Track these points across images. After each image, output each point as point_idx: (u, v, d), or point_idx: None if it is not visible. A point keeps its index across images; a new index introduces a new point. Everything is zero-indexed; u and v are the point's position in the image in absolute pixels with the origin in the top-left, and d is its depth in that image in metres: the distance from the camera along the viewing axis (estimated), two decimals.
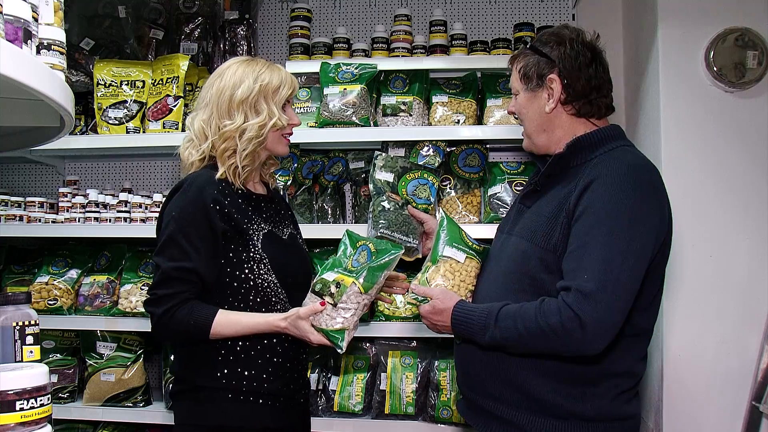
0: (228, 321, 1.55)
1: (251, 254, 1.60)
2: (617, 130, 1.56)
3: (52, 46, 1.12)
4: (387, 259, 1.61)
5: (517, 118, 1.66)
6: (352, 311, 1.57)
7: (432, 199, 2.11)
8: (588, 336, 1.35)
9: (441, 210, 1.82)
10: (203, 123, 1.65)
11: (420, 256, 1.90)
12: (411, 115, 2.33)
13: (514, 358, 1.48)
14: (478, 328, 1.47)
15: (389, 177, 2.12)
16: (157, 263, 1.56)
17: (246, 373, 1.57)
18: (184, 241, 1.53)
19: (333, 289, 1.56)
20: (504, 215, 2.15)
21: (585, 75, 1.51)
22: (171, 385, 1.71)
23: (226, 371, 1.57)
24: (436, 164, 2.29)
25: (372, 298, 1.62)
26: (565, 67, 1.50)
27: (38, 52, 1.09)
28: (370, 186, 2.12)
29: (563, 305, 1.36)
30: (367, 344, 2.44)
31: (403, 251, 1.68)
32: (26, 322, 1.06)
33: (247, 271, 1.59)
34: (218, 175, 1.62)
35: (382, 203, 2.04)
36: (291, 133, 1.74)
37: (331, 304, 1.55)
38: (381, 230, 2.01)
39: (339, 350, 1.56)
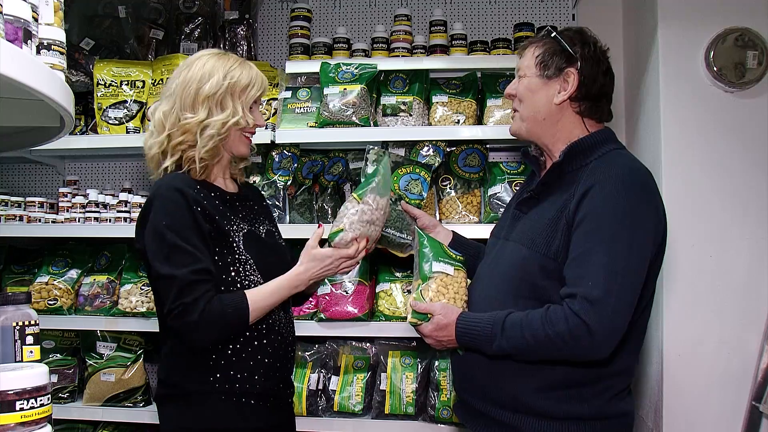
0: (257, 296, 1.53)
1: (236, 256, 1.57)
2: (609, 134, 1.57)
3: (52, 46, 1.12)
4: (375, 168, 1.70)
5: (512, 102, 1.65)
6: (349, 216, 1.65)
7: (424, 195, 2.10)
8: (596, 342, 1.36)
9: (416, 228, 1.82)
10: (163, 114, 1.59)
11: (413, 252, 1.89)
12: (411, 115, 2.33)
13: (512, 362, 1.48)
14: (485, 339, 1.46)
15: None
16: (168, 275, 1.46)
17: (239, 375, 1.55)
18: (187, 245, 1.47)
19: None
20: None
21: (600, 80, 1.54)
22: (155, 389, 1.65)
23: (218, 375, 1.54)
24: (436, 164, 2.29)
25: (372, 206, 1.67)
26: (586, 66, 1.52)
27: (38, 52, 1.09)
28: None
29: (570, 313, 1.36)
30: (367, 344, 2.44)
31: (389, 158, 1.81)
32: (26, 322, 1.05)
33: (233, 273, 1.56)
34: (199, 177, 1.58)
35: None
36: (253, 133, 1.69)
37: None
38: None
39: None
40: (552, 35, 1.56)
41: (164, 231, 1.48)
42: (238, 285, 1.56)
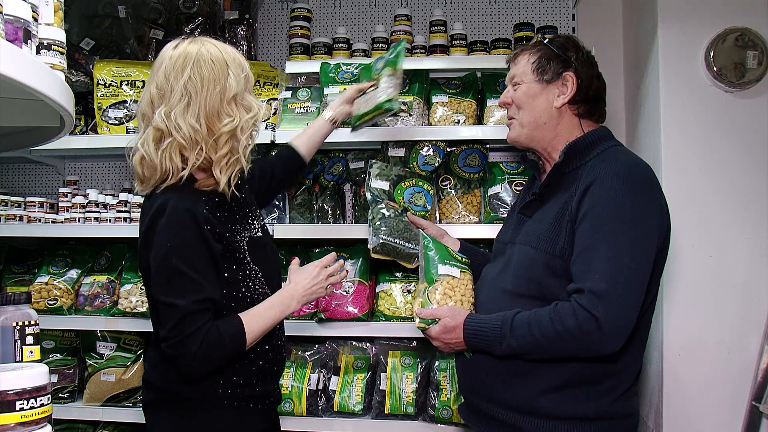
0: (253, 322, 1.48)
1: (246, 272, 1.53)
2: (606, 132, 1.60)
3: (52, 46, 1.12)
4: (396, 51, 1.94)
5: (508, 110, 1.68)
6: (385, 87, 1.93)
7: (428, 207, 2.14)
8: (606, 335, 1.36)
9: (420, 231, 1.83)
10: (194, 124, 1.44)
11: (419, 255, 1.90)
12: (411, 115, 2.32)
13: (517, 361, 1.49)
14: (494, 339, 1.47)
15: (385, 185, 2.14)
16: (170, 302, 1.39)
17: (241, 381, 1.54)
18: (191, 271, 1.39)
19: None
20: (504, 215, 2.17)
21: (595, 83, 1.59)
22: (143, 395, 1.61)
23: (221, 381, 1.51)
24: (436, 164, 2.29)
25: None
26: (582, 69, 1.57)
27: (38, 52, 1.09)
28: (367, 194, 2.13)
29: (578, 307, 1.36)
30: (367, 344, 2.44)
31: (405, 43, 2.01)
32: (26, 322, 1.06)
33: (243, 289, 1.52)
34: (205, 186, 1.48)
35: (381, 210, 2.05)
36: None
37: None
38: (383, 237, 2.01)
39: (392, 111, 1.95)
40: (545, 42, 1.61)
41: (169, 254, 1.39)
42: (248, 300, 1.53)
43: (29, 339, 1.05)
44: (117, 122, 2.44)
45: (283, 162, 1.97)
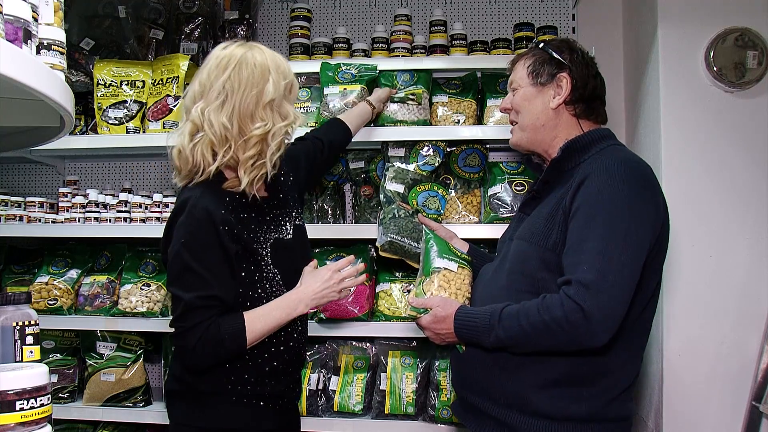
0: (255, 321, 1.49)
1: (264, 273, 1.55)
2: (607, 131, 1.61)
3: (52, 46, 1.12)
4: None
5: (509, 115, 1.70)
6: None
7: (441, 211, 2.17)
8: (592, 327, 1.35)
9: (423, 227, 1.84)
10: (226, 123, 1.49)
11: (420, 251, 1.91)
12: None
13: (511, 358, 1.49)
14: (482, 330, 1.47)
15: (400, 188, 2.16)
16: (177, 294, 1.47)
17: (253, 379, 1.55)
18: (200, 268, 1.45)
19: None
20: (504, 215, 2.18)
21: (592, 83, 1.60)
22: (166, 383, 1.66)
23: (233, 377, 1.54)
24: (436, 164, 2.29)
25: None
26: (576, 70, 1.58)
27: (38, 52, 1.09)
28: (381, 196, 2.16)
29: (565, 298, 1.37)
30: (367, 344, 2.44)
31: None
32: (26, 322, 1.06)
33: (260, 290, 1.55)
34: (232, 187, 1.52)
35: (392, 210, 2.08)
36: None
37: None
38: (391, 235, 2.03)
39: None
40: (540, 46, 1.63)
41: (181, 250, 1.45)
42: (264, 301, 1.55)
43: (29, 339, 1.05)
44: (117, 122, 2.44)
45: (335, 131, 2.04)
